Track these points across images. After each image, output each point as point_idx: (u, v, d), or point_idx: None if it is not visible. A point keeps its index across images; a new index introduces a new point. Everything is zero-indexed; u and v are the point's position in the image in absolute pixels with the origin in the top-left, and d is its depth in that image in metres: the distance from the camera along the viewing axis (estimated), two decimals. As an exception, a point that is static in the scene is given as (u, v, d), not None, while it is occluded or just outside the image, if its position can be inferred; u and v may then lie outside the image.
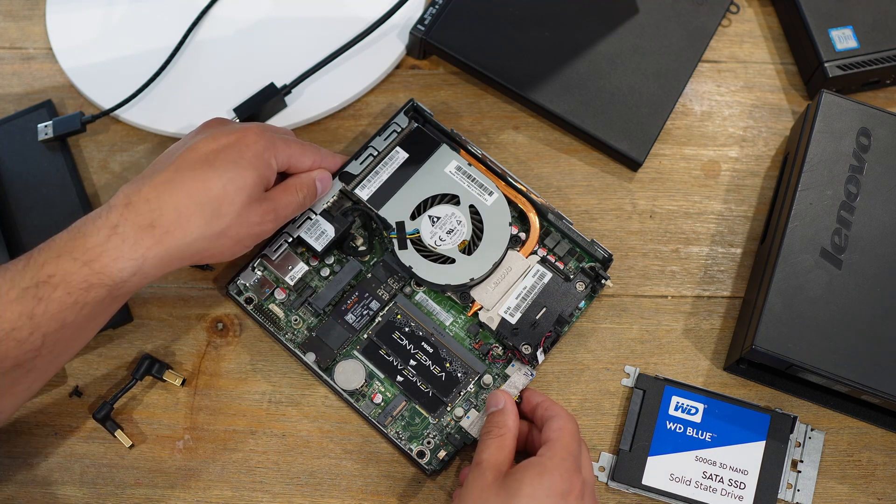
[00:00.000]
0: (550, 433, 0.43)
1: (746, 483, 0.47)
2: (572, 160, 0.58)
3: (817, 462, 0.48)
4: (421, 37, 0.58)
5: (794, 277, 0.49)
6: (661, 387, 0.49)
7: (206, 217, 0.42)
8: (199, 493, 0.49)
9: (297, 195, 0.48)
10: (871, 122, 0.53)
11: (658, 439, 0.48)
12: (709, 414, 0.48)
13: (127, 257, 0.40)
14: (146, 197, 0.41)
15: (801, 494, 0.47)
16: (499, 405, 0.46)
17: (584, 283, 0.52)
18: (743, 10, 0.63)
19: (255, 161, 0.45)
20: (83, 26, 0.61)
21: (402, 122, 0.55)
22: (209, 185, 0.43)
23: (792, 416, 0.48)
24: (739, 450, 0.47)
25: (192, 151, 0.44)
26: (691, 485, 0.47)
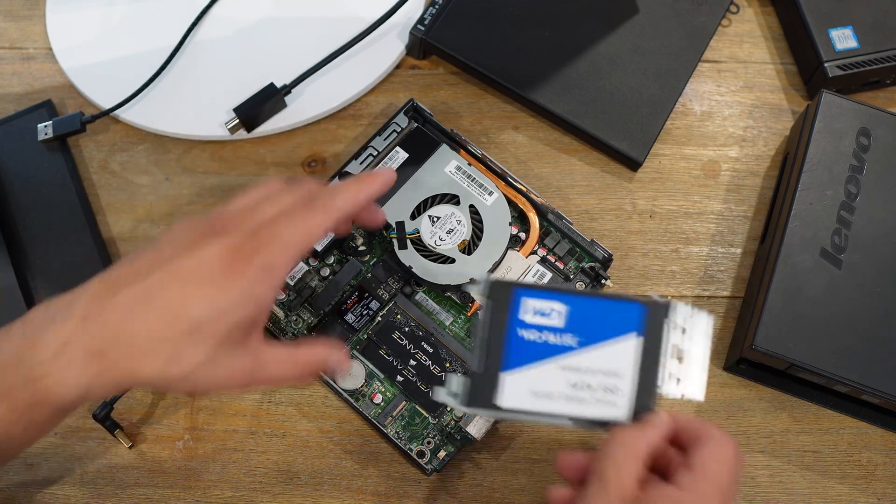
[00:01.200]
0: (699, 459, 0.36)
1: (620, 386, 0.39)
2: (572, 160, 0.58)
3: (706, 346, 0.40)
4: (421, 37, 0.58)
5: (794, 277, 0.49)
6: (509, 290, 0.40)
7: (161, 360, 0.35)
8: (199, 493, 0.49)
9: (293, 372, 0.39)
10: (871, 122, 0.53)
11: (512, 352, 0.40)
12: (571, 315, 0.40)
13: (72, 383, 0.35)
14: (105, 319, 0.35)
15: (687, 387, 0.40)
16: (654, 421, 0.38)
17: (584, 283, 0.52)
18: (743, 10, 0.63)
19: (245, 294, 0.36)
20: (83, 26, 0.61)
21: (402, 122, 0.55)
22: (177, 323, 0.35)
23: (667, 303, 0.40)
24: (610, 350, 0.40)
25: (171, 273, 0.36)
26: (555, 398, 0.39)
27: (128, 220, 0.56)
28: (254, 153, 0.58)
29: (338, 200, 0.39)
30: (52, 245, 0.54)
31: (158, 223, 0.56)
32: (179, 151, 0.58)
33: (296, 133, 0.58)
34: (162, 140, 0.58)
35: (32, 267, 0.53)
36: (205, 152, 0.58)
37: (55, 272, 0.53)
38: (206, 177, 0.57)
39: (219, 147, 0.58)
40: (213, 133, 0.57)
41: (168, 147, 0.58)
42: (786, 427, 0.51)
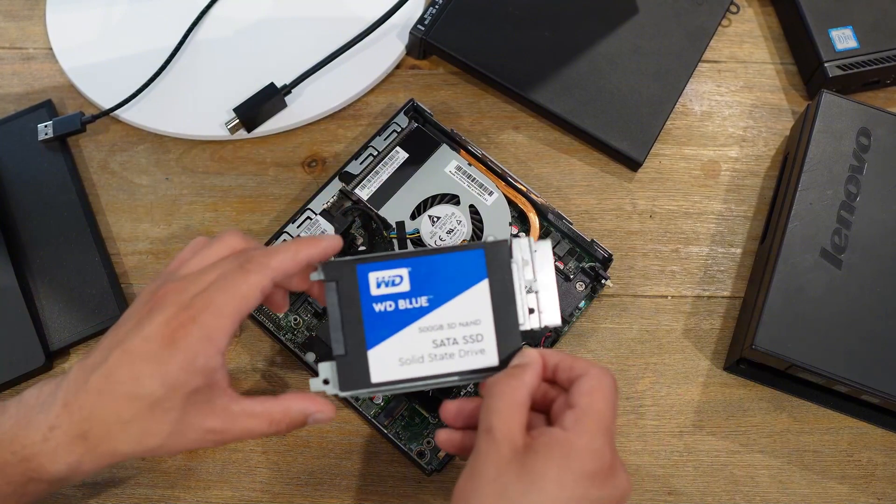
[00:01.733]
0: (579, 397, 0.37)
1: (483, 333, 0.40)
2: (572, 160, 0.58)
3: (551, 273, 0.41)
4: (421, 37, 0.58)
5: (794, 277, 0.49)
6: (352, 269, 0.40)
7: (133, 436, 0.37)
8: (199, 493, 0.49)
9: (268, 428, 0.39)
10: (871, 122, 0.53)
11: (371, 328, 0.40)
12: (416, 276, 0.41)
13: (62, 461, 0.37)
14: (80, 404, 0.37)
15: (546, 315, 0.41)
16: (523, 360, 0.39)
17: (584, 283, 0.52)
18: (743, 10, 0.63)
19: (188, 366, 0.37)
20: (83, 26, 0.61)
21: (402, 122, 0.55)
22: (136, 403, 0.37)
23: (503, 241, 0.41)
24: (463, 301, 0.41)
25: (123, 352, 0.37)
26: (425, 361, 0.40)
27: (128, 220, 0.56)
28: (254, 153, 0.58)
29: (273, 260, 0.39)
30: (52, 245, 0.54)
31: (158, 223, 0.56)
32: (179, 151, 0.58)
33: (296, 133, 0.58)
34: (162, 140, 0.58)
35: (32, 267, 0.53)
36: (205, 152, 0.58)
37: (55, 272, 0.53)
38: (206, 177, 0.57)
39: (219, 147, 0.58)
40: (213, 133, 0.57)
41: (168, 147, 0.58)
42: (786, 427, 0.51)
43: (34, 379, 0.51)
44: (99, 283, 0.53)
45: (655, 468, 0.50)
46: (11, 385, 0.51)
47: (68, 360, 0.52)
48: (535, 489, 0.35)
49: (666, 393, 0.51)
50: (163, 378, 0.36)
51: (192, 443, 0.38)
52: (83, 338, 0.52)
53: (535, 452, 0.36)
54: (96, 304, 0.52)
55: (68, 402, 0.37)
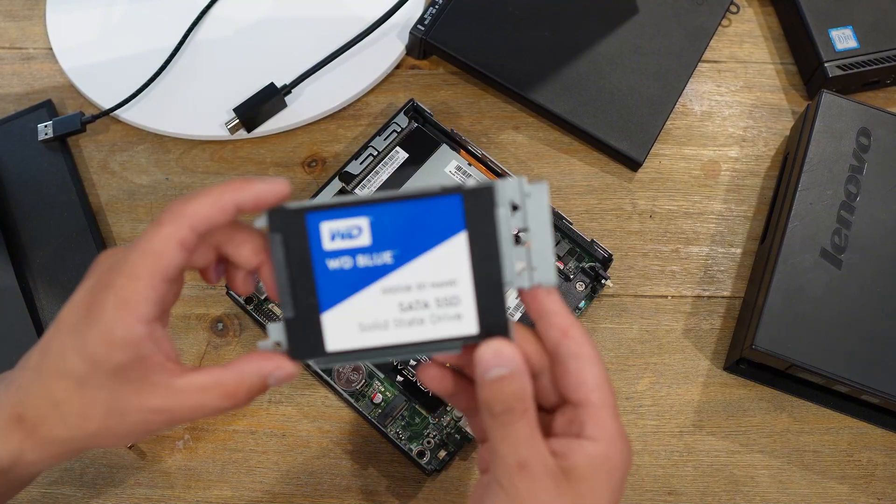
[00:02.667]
0: (589, 393, 0.33)
1: (459, 295, 0.33)
2: (572, 160, 0.58)
3: (547, 223, 0.34)
4: (421, 37, 0.58)
5: (794, 277, 0.49)
6: (300, 219, 0.33)
7: (68, 420, 0.33)
8: (199, 493, 0.49)
9: (223, 400, 0.33)
10: (871, 122, 0.53)
11: (325, 289, 0.34)
12: (378, 228, 0.34)
13: (2, 447, 0.33)
14: (19, 383, 0.33)
15: (538, 273, 0.34)
16: (510, 366, 0.32)
17: (584, 283, 0.52)
18: (743, 10, 0.63)
19: (106, 338, 0.32)
20: (83, 26, 0.61)
21: (402, 122, 0.55)
22: (63, 380, 0.33)
23: (488, 185, 0.33)
24: (436, 256, 0.34)
25: (56, 325, 0.33)
26: (390, 327, 0.34)
27: (128, 220, 0.56)
28: (254, 153, 0.58)
29: (189, 207, 0.32)
30: (52, 245, 0.54)
31: (158, 223, 0.56)
32: (179, 151, 0.58)
33: (296, 133, 0.58)
34: (162, 140, 0.58)
35: (32, 267, 0.53)
36: (205, 152, 0.58)
37: (55, 272, 0.53)
38: (206, 177, 0.57)
39: (219, 147, 0.58)
40: (213, 133, 0.57)
41: (168, 147, 0.58)
42: (786, 427, 0.51)
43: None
44: (99, 283, 0.53)
45: (655, 468, 0.50)
46: (11, 385, 0.51)
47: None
48: None
49: (666, 393, 0.51)
50: (82, 352, 0.32)
51: (137, 425, 0.33)
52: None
53: (583, 480, 0.32)
54: (96, 304, 0.52)
55: (11, 381, 0.34)
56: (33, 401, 0.33)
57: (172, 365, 0.33)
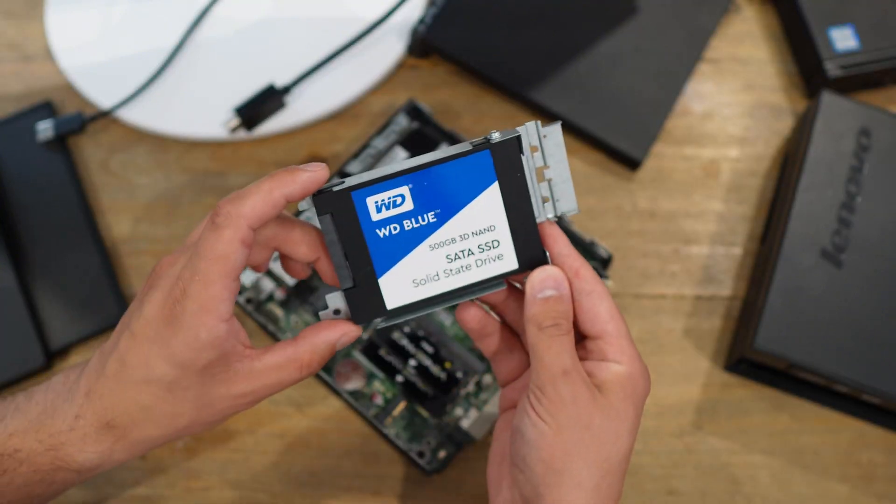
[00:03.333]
0: (605, 324, 0.36)
1: (499, 238, 0.37)
2: (572, 160, 0.58)
3: (564, 158, 0.37)
4: (421, 37, 0.58)
5: (794, 277, 0.49)
6: (347, 198, 0.36)
7: (160, 421, 0.36)
8: (199, 493, 0.49)
9: (299, 372, 0.37)
10: (871, 122, 0.53)
11: (378, 256, 0.37)
12: (418, 192, 0.37)
13: (91, 450, 0.36)
14: (100, 392, 0.36)
15: (562, 203, 0.38)
16: (560, 290, 0.36)
17: (584, 283, 0.52)
18: (743, 10, 0.63)
19: (192, 343, 0.34)
20: (83, 26, 0.61)
21: (402, 122, 0.55)
22: (151, 387, 0.35)
23: (514, 136, 0.37)
24: (474, 209, 0.37)
25: (130, 336, 0.35)
26: (440, 278, 0.38)
27: (128, 220, 0.56)
28: (254, 153, 0.58)
29: (244, 207, 0.34)
30: (52, 245, 0.54)
31: (158, 223, 0.56)
32: (179, 151, 0.58)
33: (296, 133, 0.58)
34: (162, 140, 0.58)
35: (32, 267, 0.53)
36: (205, 152, 0.58)
37: (55, 272, 0.53)
38: (206, 177, 0.57)
39: (219, 147, 0.58)
40: (213, 133, 0.57)
41: (168, 147, 0.58)
42: (786, 427, 0.51)
43: (34, 379, 0.51)
44: (99, 283, 0.53)
45: (655, 468, 0.50)
46: (11, 385, 0.51)
47: (68, 360, 0.52)
48: (623, 428, 0.35)
49: (666, 393, 0.51)
50: (171, 359, 0.34)
51: (226, 410, 0.37)
52: (83, 338, 0.52)
53: (612, 392, 0.35)
54: (96, 304, 0.52)
55: (90, 390, 0.36)
56: (121, 408, 0.36)
57: (249, 350, 0.36)
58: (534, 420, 0.35)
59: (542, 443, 0.35)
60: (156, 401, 0.35)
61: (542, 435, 0.35)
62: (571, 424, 0.34)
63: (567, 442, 0.34)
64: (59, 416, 0.36)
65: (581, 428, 0.34)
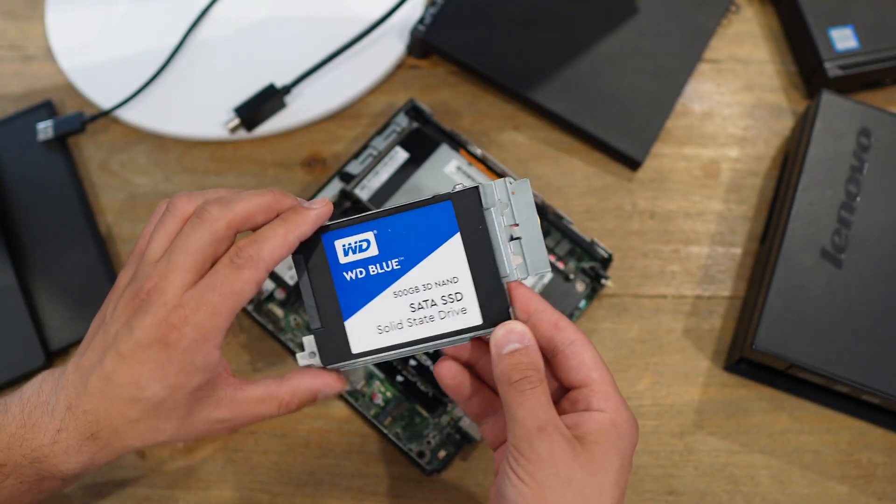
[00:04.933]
0: (589, 371, 0.36)
1: (462, 291, 0.37)
2: (572, 160, 0.58)
3: (533, 215, 0.37)
4: (421, 37, 0.58)
5: (794, 277, 0.49)
6: (317, 240, 0.38)
7: (143, 432, 0.37)
8: (199, 493, 0.49)
9: (277, 410, 0.39)
10: (871, 122, 0.53)
11: (344, 298, 0.38)
12: (382, 238, 0.38)
13: (74, 461, 0.37)
14: (84, 408, 0.37)
15: (531, 260, 0.37)
16: (524, 342, 0.36)
17: (584, 283, 0.52)
18: (743, 10, 0.63)
19: (186, 366, 0.36)
20: (83, 26, 0.61)
21: (402, 122, 0.55)
22: (140, 404, 0.36)
23: (473, 187, 0.37)
24: (436, 259, 0.37)
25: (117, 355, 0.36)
26: (404, 327, 0.38)
27: (128, 220, 0.56)
28: (254, 153, 0.58)
29: (264, 251, 0.36)
30: (52, 245, 0.54)
31: (158, 223, 0.56)
32: (179, 151, 0.58)
33: (296, 133, 0.58)
34: (162, 140, 0.58)
35: (32, 267, 0.53)
36: (205, 152, 0.58)
37: (55, 272, 0.53)
38: (206, 177, 0.57)
39: (219, 147, 0.58)
40: (213, 133, 0.57)
41: (168, 147, 0.58)
42: (786, 427, 0.51)
43: (34, 379, 0.51)
44: (99, 283, 0.53)
45: (655, 468, 0.50)
46: (11, 385, 0.51)
47: (68, 360, 0.52)
48: (606, 481, 0.34)
49: (666, 393, 0.51)
50: (163, 381, 0.36)
51: (203, 433, 0.38)
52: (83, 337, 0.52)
53: (595, 444, 0.35)
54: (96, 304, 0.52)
55: (71, 405, 0.37)
56: (106, 422, 0.37)
57: (234, 379, 0.39)
58: (513, 481, 0.35)
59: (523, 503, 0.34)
60: (142, 416, 0.37)
61: (522, 496, 0.34)
62: (551, 482, 0.34)
63: (547, 500, 0.34)
64: (39, 430, 0.37)
65: (561, 484, 0.34)
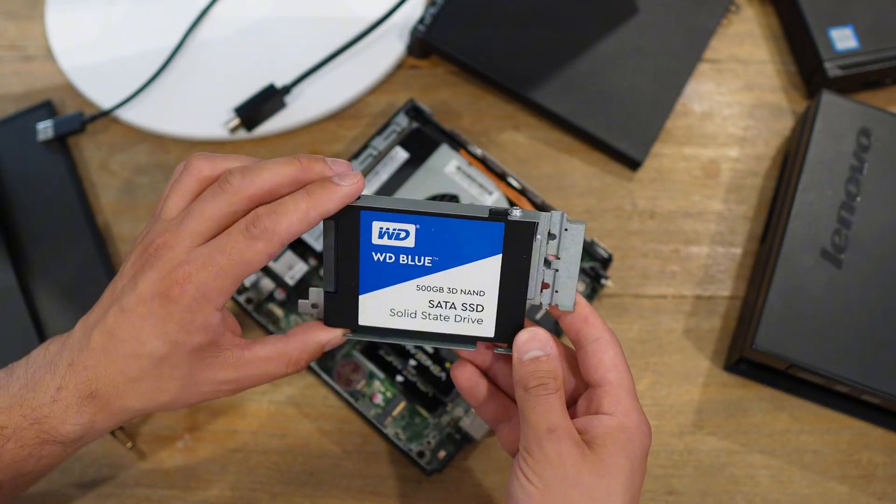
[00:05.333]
0: (606, 372, 0.36)
1: (484, 305, 0.38)
2: (572, 160, 0.58)
3: (577, 256, 0.37)
4: (421, 37, 0.58)
5: (794, 277, 0.49)
6: (355, 214, 0.37)
7: (144, 392, 0.37)
8: (199, 493, 0.49)
9: (285, 368, 0.38)
10: (871, 122, 0.53)
11: (366, 274, 0.38)
12: (423, 235, 0.37)
13: (73, 422, 0.37)
14: (85, 363, 0.36)
15: (559, 295, 0.38)
16: (546, 350, 0.37)
17: (584, 283, 0.52)
18: (743, 10, 0.63)
19: (187, 324, 0.35)
20: (83, 26, 0.61)
21: (402, 122, 0.55)
22: (140, 361, 0.36)
23: (533, 222, 0.37)
24: (470, 270, 0.38)
25: (121, 310, 0.35)
26: (417, 317, 0.39)
27: (128, 220, 0.56)
28: (254, 153, 0.58)
29: (281, 225, 0.35)
30: (52, 245, 0.54)
31: (158, 223, 0.56)
32: (179, 151, 0.58)
33: (296, 133, 0.58)
34: (162, 140, 0.58)
35: (32, 267, 0.53)
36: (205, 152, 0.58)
37: (55, 272, 0.53)
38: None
39: (219, 147, 0.58)
40: (213, 133, 0.57)
41: (168, 147, 0.58)
42: (786, 427, 0.51)
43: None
44: (99, 283, 0.53)
45: (655, 468, 0.50)
46: (11, 385, 0.51)
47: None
48: (615, 484, 0.34)
49: (666, 393, 0.51)
50: (163, 336, 0.35)
51: (208, 394, 0.38)
52: (83, 338, 0.52)
53: (602, 447, 0.35)
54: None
55: (73, 362, 0.36)
56: (106, 379, 0.36)
57: (239, 339, 0.38)
58: (522, 482, 0.35)
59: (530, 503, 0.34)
60: (143, 374, 0.36)
61: (530, 496, 0.34)
62: (557, 483, 0.34)
63: (554, 501, 0.34)
64: (41, 388, 0.37)
65: (568, 486, 0.34)
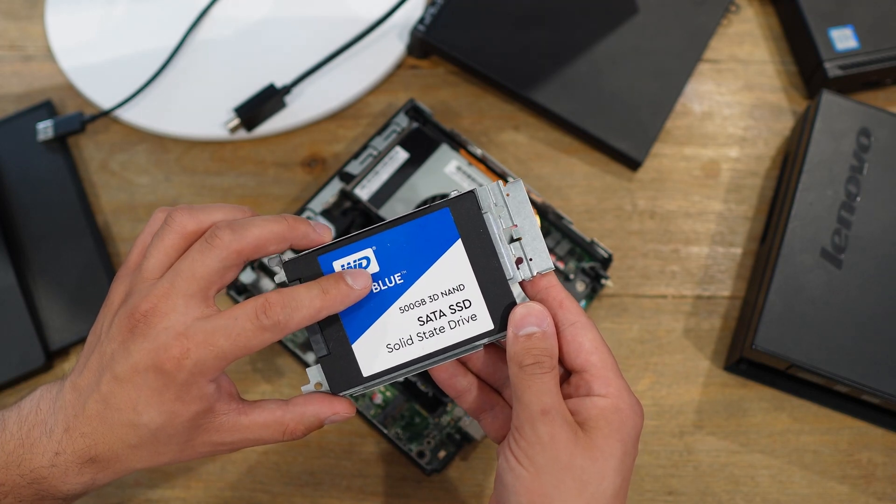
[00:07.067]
0: (589, 355, 0.35)
1: (469, 297, 0.37)
2: (572, 160, 0.58)
3: (530, 213, 0.37)
4: (421, 37, 0.58)
5: (794, 277, 0.49)
6: (312, 261, 0.37)
7: (144, 456, 0.36)
8: (199, 493, 0.49)
9: (281, 436, 0.37)
10: (871, 122, 0.53)
11: (349, 321, 0.37)
12: (382, 254, 0.37)
13: (73, 482, 0.37)
14: (82, 430, 0.36)
15: (535, 263, 0.37)
16: (542, 326, 0.35)
17: (584, 283, 0.52)
18: (743, 10, 0.63)
19: (183, 395, 0.35)
20: (83, 26, 0.61)
21: (402, 122, 0.55)
22: (138, 430, 0.35)
23: (468, 191, 0.36)
24: (440, 267, 0.37)
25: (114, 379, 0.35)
26: (414, 342, 0.37)
27: (128, 220, 0.56)
28: (254, 153, 0.58)
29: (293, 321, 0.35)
30: (52, 245, 0.54)
31: (158, 223, 0.56)
32: (179, 151, 0.58)
33: (296, 133, 0.58)
34: (162, 140, 0.58)
35: (32, 267, 0.53)
36: (205, 152, 0.58)
37: (55, 272, 0.53)
38: (206, 177, 0.57)
39: (219, 147, 0.58)
40: (213, 133, 0.57)
41: (168, 147, 0.58)
42: (786, 427, 0.51)
43: (34, 379, 0.51)
44: (98, 283, 0.53)
45: (655, 468, 0.50)
46: (11, 385, 0.51)
47: (68, 360, 0.52)
48: (608, 468, 0.33)
49: (666, 393, 0.51)
50: (159, 407, 0.35)
51: (206, 454, 0.38)
52: (83, 338, 0.52)
53: (596, 429, 0.34)
54: (96, 303, 0.52)
55: (69, 427, 0.36)
56: (105, 446, 0.36)
57: (236, 404, 0.37)
58: (512, 464, 0.34)
59: (520, 487, 0.33)
60: (141, 441, 0.36)
61: (520, 479, 0.34)
62: (550, 466, 0.33)
63: (546, 485, 0.33)
64: (37, 451, 0.36)
65: (560, 469, 0.33)
